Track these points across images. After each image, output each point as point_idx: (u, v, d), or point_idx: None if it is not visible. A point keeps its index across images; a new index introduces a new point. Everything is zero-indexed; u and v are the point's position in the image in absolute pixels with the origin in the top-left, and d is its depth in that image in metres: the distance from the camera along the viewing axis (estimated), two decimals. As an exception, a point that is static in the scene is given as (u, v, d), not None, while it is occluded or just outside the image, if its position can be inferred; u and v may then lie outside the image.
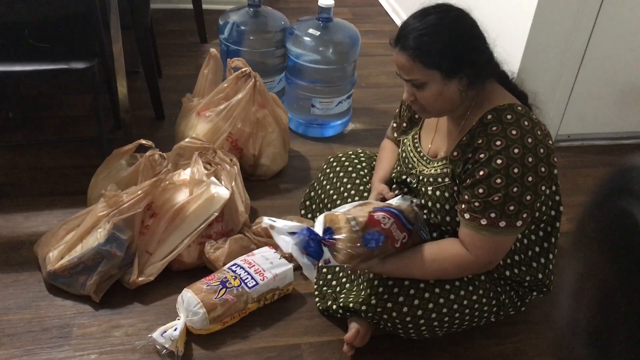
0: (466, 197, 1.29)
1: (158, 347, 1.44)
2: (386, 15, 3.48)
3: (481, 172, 1.26)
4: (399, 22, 3.34)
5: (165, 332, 1.44)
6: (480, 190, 1.26)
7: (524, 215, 1.27)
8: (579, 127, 2.37)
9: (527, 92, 1.38)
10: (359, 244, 1.27)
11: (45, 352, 1.45)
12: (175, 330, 1.44)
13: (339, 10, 3.25)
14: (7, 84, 2.31)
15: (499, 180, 1.24)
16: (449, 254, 1.35)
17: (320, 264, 1.29)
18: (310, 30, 2.19)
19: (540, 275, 1.45)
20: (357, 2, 3.55)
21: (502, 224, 1.27)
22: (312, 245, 1.26)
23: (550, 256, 1.47)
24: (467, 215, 1.30)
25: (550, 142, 1.29)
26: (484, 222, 1.27)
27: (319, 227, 1.29)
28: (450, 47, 1.24)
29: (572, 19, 2.07)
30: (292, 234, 1.28)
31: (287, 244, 1.27)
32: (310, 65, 2.19)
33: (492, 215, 1.26)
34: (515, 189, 1.24)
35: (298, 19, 2.29)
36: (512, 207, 1.25)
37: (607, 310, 0.47)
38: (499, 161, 1.24)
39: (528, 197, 1.25)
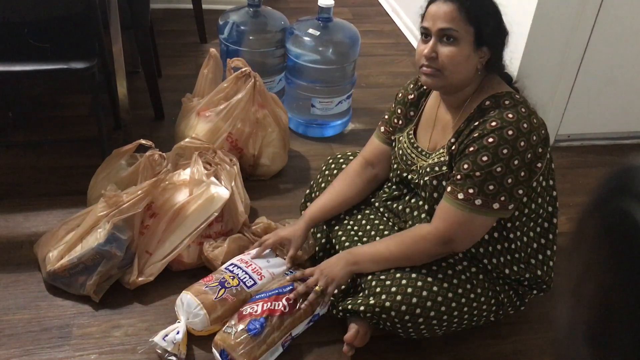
0: (453, 171, 1.33)
1: (159, 351, 1.43)
2: (386, 15, 3.47)
3: (471, 148, 1.29)
4: (399, 22, 3.34)
5: (166, 335, 1.43)
6: (465, 165, 1.29)
7: (502, 199, 1.29)
8: (579, 127, 2.37)
9: (526, 96, 1.40)
10: (248, 340, 1.37)
11: (45, 352, 1.45)
12: (177, 333, 1.43)
13: (339, 10, 3.25)
14: (7, 84, 2.31)
15: (485, 158, 1.27)
16: (412, 231, 1.41)
17: None
18: (310, 30, 2.19)
19: (539, 272, 1.45)
20: (357, 2, 3.55)
21: (478, 202, 1.29)
22: None
23: (549, 252, 1.47)
24: (449, 188, 1.33)
25: (543, 132, 1.32)
26: (460, 196, 1.30)
27: (217, 356, 1.42)
28: (494, 15, 1.31)
29: (572, 19, 2.07)
30: None
31: None
32: (310, 65, 2.19)
33: (470, 190, 1.29)
34: (499, 169, 1.26)
35: (298, 19, 2.29)
36: (491, 187, 1.28)
37: (607, 310, 0.47)
38: (490, 139, 1.26)
39: (509, 180, 1.27)
